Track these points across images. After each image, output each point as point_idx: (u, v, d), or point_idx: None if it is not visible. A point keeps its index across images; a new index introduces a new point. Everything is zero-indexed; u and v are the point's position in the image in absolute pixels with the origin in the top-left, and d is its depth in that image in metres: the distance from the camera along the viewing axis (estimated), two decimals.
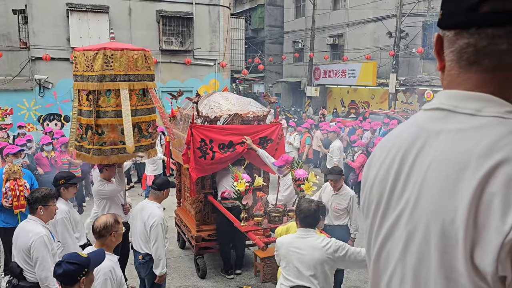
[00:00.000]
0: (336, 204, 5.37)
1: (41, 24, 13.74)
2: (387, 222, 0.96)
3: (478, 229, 0.75)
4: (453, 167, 0.81)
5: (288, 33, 27.16)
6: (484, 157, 0.77)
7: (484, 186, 0.75)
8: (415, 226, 0.88)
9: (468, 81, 0.87)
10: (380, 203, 0.98)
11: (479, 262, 0.75)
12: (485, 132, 0.80)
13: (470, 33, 0.84)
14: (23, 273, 3.64)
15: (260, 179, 5.38)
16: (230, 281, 5.95)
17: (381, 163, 1.00)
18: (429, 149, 0.88)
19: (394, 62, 17.59)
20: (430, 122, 0.91)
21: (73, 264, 2.58)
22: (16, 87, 13.98)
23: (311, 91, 21.88)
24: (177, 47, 15.56)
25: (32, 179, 5.90)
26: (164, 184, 4.65)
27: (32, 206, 3.74)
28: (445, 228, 0.80)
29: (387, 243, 0.96)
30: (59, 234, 4.32)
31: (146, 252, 4.48)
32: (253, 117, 6.08)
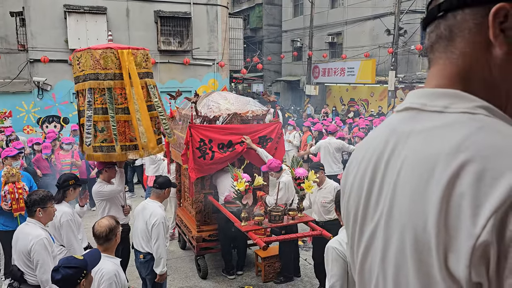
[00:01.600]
0: (323, 198, 5.43)
1: (39, 26, 13.71)
2: (366, 233, 0.91)
3: (449, 234, 0.71)
4: (422, 169, 0.76)
5: (286, 32, 27.13)
6: (451, 156, 0.72)
7: (452, 187, 0.70)
8: (391, 235, 0.83)
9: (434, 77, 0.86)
10: (357, 212, 0.94)
11: (454, 269, 0.70)
12: (452, 130, 0.76)
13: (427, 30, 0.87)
14: (24, 276, 3.62)
15: (260, 179, 5.37)
16: (232, 281, 5.93)
17: (357, 170, 0.95)
18: (400, 151, 0.84)
19: (393, 60, 17.56)
20: (401, 123, 0.87)
21: (72, 268, 2.57)
22: (14, 90, 13.95)
23: (310, 89, 21.86)
24: (176, 47, 15.52)
25: (31, 181, 5.88)
26: (166, 183, 4.71)
27: (30, 209, 3.73)
28: (417, 235, 0.76)
29: (368, 254, 0.91)
30: (64, 237, 4.30)
31: (147, 251, 4.50)
32: (252, 116, 6.06)
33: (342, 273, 2.92)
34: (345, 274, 2.93)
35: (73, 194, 4.55)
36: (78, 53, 4.65)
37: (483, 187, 0.67)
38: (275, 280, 5.95)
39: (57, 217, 4.23)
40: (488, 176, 0.67)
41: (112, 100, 4.59)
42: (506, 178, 0.66)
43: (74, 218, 4.43)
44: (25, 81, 14.27)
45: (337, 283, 2.93)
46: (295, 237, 5.40)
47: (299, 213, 5.21)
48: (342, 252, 2.93)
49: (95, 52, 4.52)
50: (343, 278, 2.92)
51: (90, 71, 4.55)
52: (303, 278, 6.07)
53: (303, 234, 5.29)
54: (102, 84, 4.56)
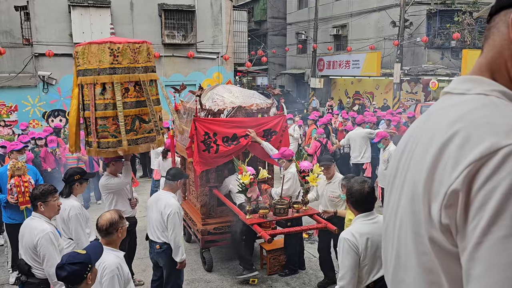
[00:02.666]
0: (330, 193, 5.41)
1: (43, 20, 13.72)
2: (391, 198, 1.08)
3: (434, 186, 0.85)
4: (429, 138, 0.91)
5: (291, 24, 27.00)
6: (449, 126, 0.86)
7: (443, 150, 0.84)
8: (402, 195, 1.00)
9: None
10: (389, 181, 1.12)
11: (432, 213, 0.85)
12: (460, 106, 0.89)
13: None
14: (31, 270, 3.65)
15: (264, 172, 5.36)
16: (237, 274, 5.94)
17: (398, 148, 1.12)
18: (423, 126, 1.00)
19: (399, 52, 17.44)
20: (435, 104, 1.03)
21: (77, 264, 2.59)
22: (20, 84, 14.01)
23: (315, 82, 21.78)
24: (180, 40, 15.49)
25: (37, 174, 5.92)
26: (178, 175, 4.75)
27: (33, 203, 3.76)
28: (414, 189, 0.92)
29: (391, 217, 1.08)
30: (72, 231, 4.33)
31: (164, 241, 4.54)
32: (256, 109, 6.05)
33: (352, 265, 2.93)
34: (356, 266, 2.93)
35: (79, 188, 4.57)
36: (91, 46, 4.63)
37: (465, 148, 0.80)
38: (280, 272, 5.96)
39: (66, 211, 4.27)
40: (472, 140, 0.80)
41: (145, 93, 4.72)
42: (486, 142, 0.78)
43: (82, 212, 4.46)
44: (30, 75, 14.32)
45: (347, 275, 2.94)
46: (299, 230, 5.40)
47: (304, 206, 5.21)
48: (354, 243, 2.93)
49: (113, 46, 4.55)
50: (353, 270, 2.93)
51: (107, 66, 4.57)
52: (307, 271, 6.08)
53: (308, 227, 5.28)
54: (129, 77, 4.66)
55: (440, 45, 17.96)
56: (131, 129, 4.74)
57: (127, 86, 4.67)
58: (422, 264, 0.92)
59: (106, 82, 4.58)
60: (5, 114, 13.80)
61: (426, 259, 0.90)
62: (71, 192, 4.47)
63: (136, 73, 4.69)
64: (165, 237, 4.54)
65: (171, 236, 4.46)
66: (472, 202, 0.77)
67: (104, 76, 4.57)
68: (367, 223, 3.04)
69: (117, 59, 4.57)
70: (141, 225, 6.32)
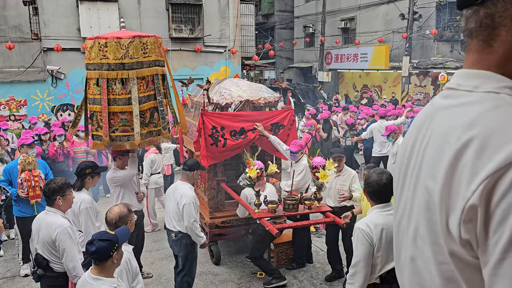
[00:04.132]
0: (340, 186, 5.36)
1: (52, 14, 13.78)
2: (403, 196, 1.06)
3: (451, 198, 0.82)
4: (441, 140, 0.88)
5: (298, 17, 26.83)
6: (463, 131, 0.82)
7: (459, 158, 0.81)
8: (415, 197, 0.97)
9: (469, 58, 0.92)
10: (399, 178, 1.09)
11: (451, 227, 0.83)
12: (471, 107, 0.85)
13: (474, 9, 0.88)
14: (49, 264, 3.70)
15: (273, 166, 5.34)
16: (244, 268, 5.98)
17: (406, 141, 1.08)
18: (430, 125, 0.96)
19: (407, 45, 17.28)
20: (439, 101, 0.98)
21: (105, 240, 2.73)
22: (29, 78, 14.11)
23: (322, 76, 21.68)
24: (187, 34, 15.47)
25: (46, 169, 5.96)
26: (194, 166, 4.90)
27: (50, 198, 3.75)
28: (429, 197, 0.89)
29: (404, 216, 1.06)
30: (82, 224, 4.39)
31: (179, 230, 4.71)
32: (264, 103, 6.04)
33: (365, 255, 2.95)
34: (369, 256, 2.95)
35: (91, 182, 4.62)
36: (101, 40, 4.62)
37: (482, 158, 0.77)
38: (287, 266, 5.98)
39: (77, 204, 4.33)
40: (489, 149, 0.77)
41: None
42: (503, 151, 0.75)
43: (93, 205, 4.52)
44: (39, 69, 14.41)
45: (359, 264, 2.96)
46: (307, 224, 5.40)
47: (318, 202, 5.11)
48: (369, 234, 2.95)
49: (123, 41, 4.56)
50: (366, 260, 2.95)
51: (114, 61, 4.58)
52: (315, 264, 6.09)
53: (315, 221, 5.27)
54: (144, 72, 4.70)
55: (450, 37, 17.74)
56: (150, 121, 4.81)
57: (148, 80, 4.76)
58: (442, 273, 0.90)
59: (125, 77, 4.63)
60: (14, 109, 13.93)
61: (446, 268, 0.88)
62: (83, 185, 4.52)
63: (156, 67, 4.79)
64: (181, 226, 4.70)
65: (187, 225, 4.62)
66: (491, 217, 0.75)
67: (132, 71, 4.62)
68: (383, 214, 3.05)
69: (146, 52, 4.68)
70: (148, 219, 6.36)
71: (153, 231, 7.32)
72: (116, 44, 4.52)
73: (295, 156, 5.68)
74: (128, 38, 4.57)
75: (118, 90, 4.62)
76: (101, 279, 2.74)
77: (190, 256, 4.85)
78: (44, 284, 3.78)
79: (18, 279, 5.74)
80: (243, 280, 5.65)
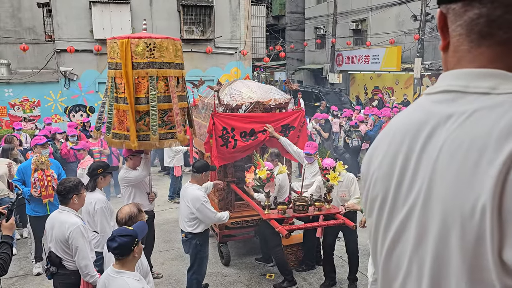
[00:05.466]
0: (342, 192, 5.32)
1: (65, 16, 13.96)
2: (396, 219, 0.86)
3: (504, 221, 0.66)
4: (469, 151, 0.72)
5: (309, 19, 26.78)
6: (504, 139, 0.68)
7: (507, 172, 0.66)
8: (429, 221, 0.78)
9: (481, 56, 0.79)
10: (386, 198, 0.89)
11: (508, 259, 0.66)
12: (502, 111, 0.72)
13: (482, 2, 0.76)
14: (62, 262, 3.75)
15: (284, 167, 5.33)
16: (253, 269, 5.98)
17: (383, 156, 0.91)
18: (439, 134, 0.79)
19: (419, 46, 17.14)
20: (438, 106, 0.82)
21: (126, 236, 2.84)
22: (42, 80, 14.31)
23: (333, 77, 21.60)
24: (198, 36, 15.55)
25: (59, 169, 6.03)
26: (202, 168, 4.99)
27: (65, 197, 3.80)
28: (464, 222, 0.71)
29: (399, 241, 0.86)
30: (98, 224, 4.44)
31: (189, 231, 4.90)
32: (274, 104, 6.03)
33: None
34: None
35: (103, 182, 4.68)
36: None
37: None
38: (297, 268, 5.96)
39: (92, 204, 4.40)
40: None
41: None
42: None
43: (107, 205, 4.58)
44: (52, 71, 14.61)
45: None
46: (317, 226, 5.37)
47: (327, 204, 5.06)
48: None
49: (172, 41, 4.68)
50: None
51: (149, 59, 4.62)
52: None
53: (326, 223, 5.22)
54: None
55: None
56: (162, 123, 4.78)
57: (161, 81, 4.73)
58: None
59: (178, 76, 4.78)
60: (28, 109, 14.12)
61: None
62: (95, 185, 4.57)
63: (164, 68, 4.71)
64: (191, 228, 4.89)
65: (212, 222, 4.98)
66: None
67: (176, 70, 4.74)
68: None
69: (178, 54, 4.77)
70: (159, 219, 6.40)
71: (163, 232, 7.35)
72: (168, 44, 4.66)
73: (311, 158, 5.67)
74: (177, 40, 4.82)
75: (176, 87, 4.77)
76: (125, 273, 2.86)
77: (199, 255, 4.99)
78: (57, 281, 3.83)
79: (30, 277, 5.81)
80: (253, 282, 5.65)
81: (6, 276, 3.14)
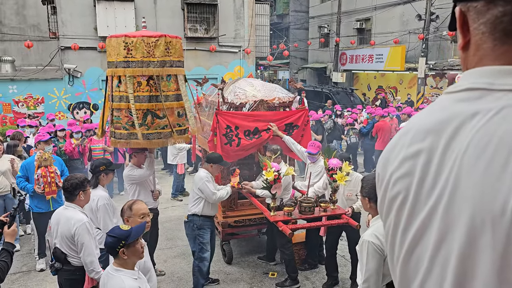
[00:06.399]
0: (348, 192, 5.30)
1: (69, 14, 13.98)
2: (417, 219, 0.84)
3: None
4: (498, 148, 0.70)
5: (313, 18, 26.72)
6: None
7: None
8: (454, 221, 0.76)
9: (505, 54, 0.78)
10: (406, 198, 0.86)
11: None
12: None
13: (507, 0, 0.75)
14: (67, 258, 3.76)
15: (291, 169, 5.28)
16: (256, 268, 5.98)
17: (404, 155, 0.88)
18: (465, 132, 0.77)
19: (424, 46, 17.07)
20: (462, 104, 0.80)
21: (112, 237, 2.82)
22: (46, 77, 14.34)
23: (337, 77, 21.55)
24: (202, 34, 15.55)
25: (62, 165, 6.05)
26: (212, 159, 5.18)
27: (72, 193, 3.80)
28: (494, 220, 0.69)
29: (419, 241, 0.84)
30: (100, 221, 4.44)
31: (193, 213, 5.17)
32: (278, 103, 6.02)
33: (378, 268, 2.89)
34: (380, 268, 2.89)
35: (105, 179, 4.68)
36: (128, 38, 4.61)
37: None
38: (300, 267, 5.95)
39: (94, 201, 4.40)
40: None
41: None
42: None
43: (110, 202, 4.59)
44: (56, 68, 14.64)
45: (371, 277, 2.89)
46: (320, 225, 5.36)
47: (332, 205, 5.05)
48: (379, 246, 2.87)
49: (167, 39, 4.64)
50: (378, 273, 2.89)
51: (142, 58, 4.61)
52: None
53: (329, 222, 5.22)
54: None
55: None
56: (142, 123, 4.68)
57: (140, 80, 4.62)
58: None
59: (120, 75, 4.62)
60: (32, 106, 14.16)
61: None
62: (98, 182, 4.58)
63: (150, 67, 4.61)
64: (192, 208, 5.15)
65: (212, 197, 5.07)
66: None
67: (120, 69, 4.61)
68: None
69: (131, 53, 4.56)
70: (161, 217, 6.40)
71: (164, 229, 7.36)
72: (166, 43, 4.63)
73: (314, 158, 5.65)
74: (174, 38, 4.76)
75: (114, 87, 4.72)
76: (122, 271, 2.83)
77: (198, 241, 5.13)
78: (61, 277, 3.84)
79: (33, 273, 5.83)
80: (255, 280, 5.65)
81: (10, 272, 3.13)
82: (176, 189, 9.16)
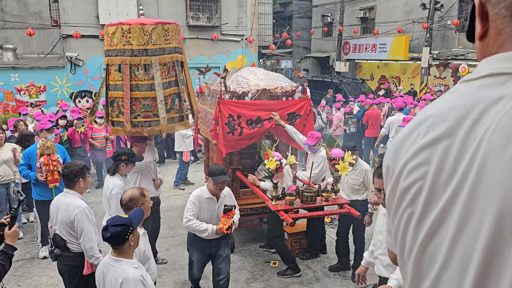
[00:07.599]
0: (352, 180, 5.32)
1: (71, 1, 13.88)
2: (434, 210, 0.78)
3: None
4: None
5: (316, 6, 26.47)
6: None
7: None
8: (479, 207, 0.70)
9: None
10: (422, 188, 0.81)
11: None
12: None
13: None
14: (66, 245, 3.79)
15: (292, 157, 5.28)
16: (258, 257, 6.00)
17: (419, 146, 0.83)
18: (489, 116, 0.72)
19: (428, 35, 16.92)
20: (484, 90, 0.76)
21: (119, 225, 2.80)
22: (48, 65, 14.29)
23: (340, 66, 21.42)
24: (204, 22, 15.44)
25: (64, 153, 6.05)
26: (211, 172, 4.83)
27: (71, 180, 3.84)
28: None
29: (436, 234, 0.78)
30: (112, 208, 4.48)
31: None
32: (281, 92, 5.99)
33: None
34: None
35: (124, 169, 4.72)
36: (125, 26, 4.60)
37: None
38: (301, 256, 5.98)
39: (109, 189, 4.49)
40: None
41: None
42: None
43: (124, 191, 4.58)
44: (58, 56, 14.58)
45: None
46: (322, 215, 5.36)
47: (334, 194, 5.05)
48: None
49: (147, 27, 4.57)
50: None
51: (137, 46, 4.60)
52: (329, 255, 6.08)
53: (330, 211, 5.22)
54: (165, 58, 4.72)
55: None
56: (171, 108, 4.83)
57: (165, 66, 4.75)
58: None
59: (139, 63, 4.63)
60: (34, 94, 14.14)
61: None
62: (116, 170, 4.63)
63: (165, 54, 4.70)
64: None
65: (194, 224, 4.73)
66: None
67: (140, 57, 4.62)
68: None
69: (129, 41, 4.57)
70: (163, 205, 6.42)
71: None
72: (140, 30, 4.54)
73: (313, 149, 5.65)
74: (152, 25, 4.60)
75: (140, 76, 4.66)
76: (122, 260, 2.84)
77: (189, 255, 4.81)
78: (61, 263, 3.88)
79: (36, 261, 5.87)
80: (257, 269, 5.68)
81: (13, 259, 3.11)
82: (179, 177, 9.16)
